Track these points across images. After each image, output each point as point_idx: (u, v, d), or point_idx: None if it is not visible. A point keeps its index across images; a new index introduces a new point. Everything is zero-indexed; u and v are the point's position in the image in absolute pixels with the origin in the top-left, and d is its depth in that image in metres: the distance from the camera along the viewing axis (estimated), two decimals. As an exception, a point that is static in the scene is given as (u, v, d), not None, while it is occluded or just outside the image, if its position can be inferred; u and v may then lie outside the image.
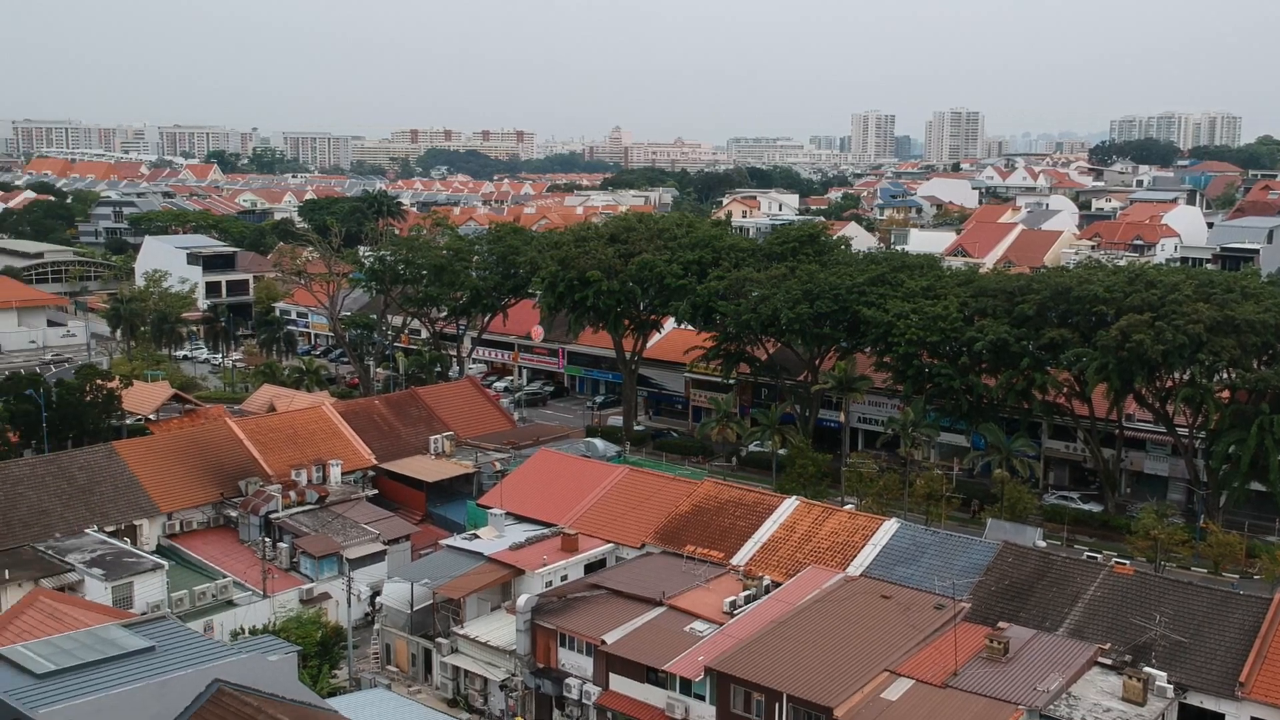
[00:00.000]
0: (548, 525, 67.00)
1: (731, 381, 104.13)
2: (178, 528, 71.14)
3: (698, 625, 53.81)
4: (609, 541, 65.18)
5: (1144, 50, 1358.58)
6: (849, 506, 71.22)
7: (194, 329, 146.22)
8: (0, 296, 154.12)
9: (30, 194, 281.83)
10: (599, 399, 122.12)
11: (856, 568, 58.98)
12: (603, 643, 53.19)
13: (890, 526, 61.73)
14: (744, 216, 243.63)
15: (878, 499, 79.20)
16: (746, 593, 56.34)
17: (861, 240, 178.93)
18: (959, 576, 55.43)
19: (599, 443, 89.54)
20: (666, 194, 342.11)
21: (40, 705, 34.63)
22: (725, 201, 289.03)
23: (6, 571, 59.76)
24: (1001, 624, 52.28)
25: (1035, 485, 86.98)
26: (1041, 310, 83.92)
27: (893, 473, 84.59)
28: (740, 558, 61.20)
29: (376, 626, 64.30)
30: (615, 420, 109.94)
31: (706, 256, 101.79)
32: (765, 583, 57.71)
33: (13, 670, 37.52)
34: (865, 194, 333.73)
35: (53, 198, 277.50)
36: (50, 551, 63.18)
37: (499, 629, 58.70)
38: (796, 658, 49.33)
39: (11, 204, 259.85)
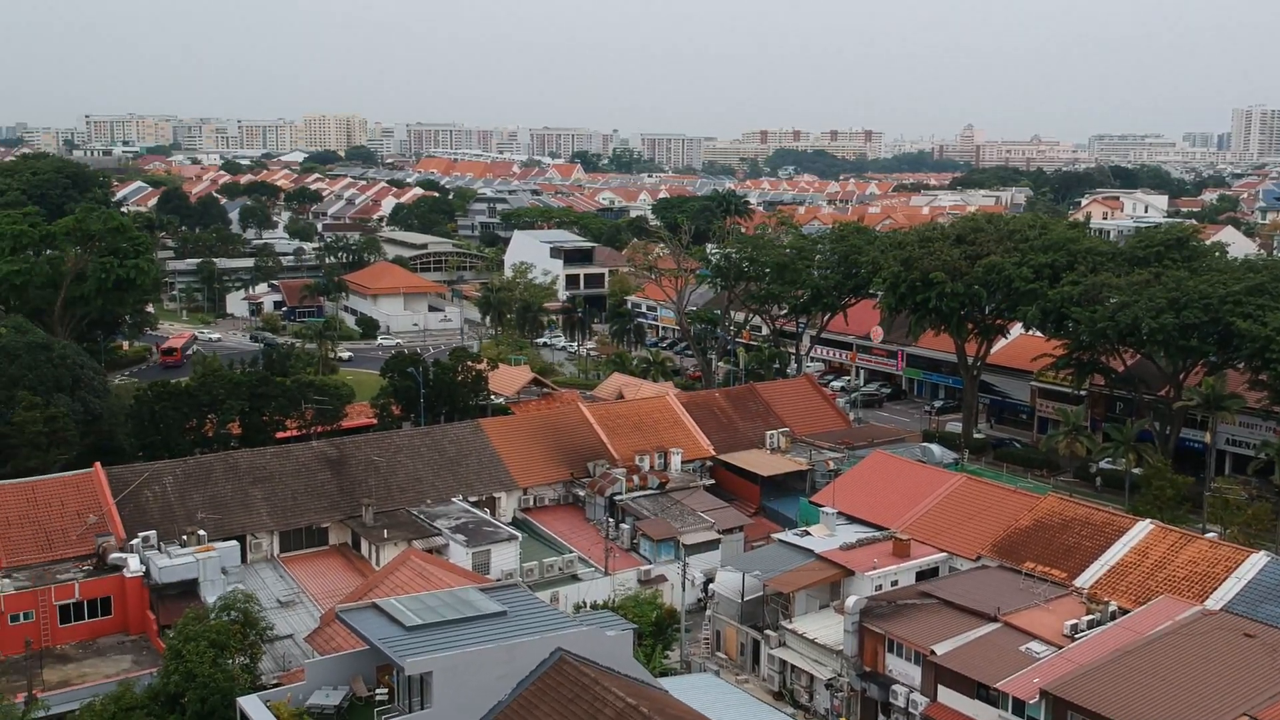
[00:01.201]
0: (879, 528, 66.45)
1: (1083, 393, 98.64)
2: (531, 502, 76.45)
3: (1034, 645, 51.72)
4: (942, 550, 63.78)
5: None
6: (1211, 535, 65.70)
7: (553, 318, 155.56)
8: (390, 283, 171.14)
9: (419, 190, 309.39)
10: (938, 403, 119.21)
11: (1216, 602, 54.49)
12: (932, 653, 52.25)
13: (1258, 560, 56.50)
14: (1104, 218, 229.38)
15: (1244, 530, 72.60)
16: (1090, 617, 53.52)
17: (1239, 246, 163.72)
18: (1339, 621, 50.03)
19: (936, 448, 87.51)
20: (1019, 194, 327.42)
21: (407, 655, 38.57)
22: (1084, 202, 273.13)
23: (386, 531, 66.64)
24: (1390, 679, 46.70)
25: None
26: None
27: (1264, 502, 77.22)
28: (1084, 580, 58.13)
29: (708, 613, 66.19)
30: (954, 426, 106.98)
31: (1060, 260, 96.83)
32: (1111, 608, 54.55)
33: (386, 620, 41.94)
34: (1245, 196, 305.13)
35: (437, 194, 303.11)
36: (422, 516, 69.73)
37: (827, 627, 58.94)
38: (1143, 691, 46.33)
39: (403, 199, 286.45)
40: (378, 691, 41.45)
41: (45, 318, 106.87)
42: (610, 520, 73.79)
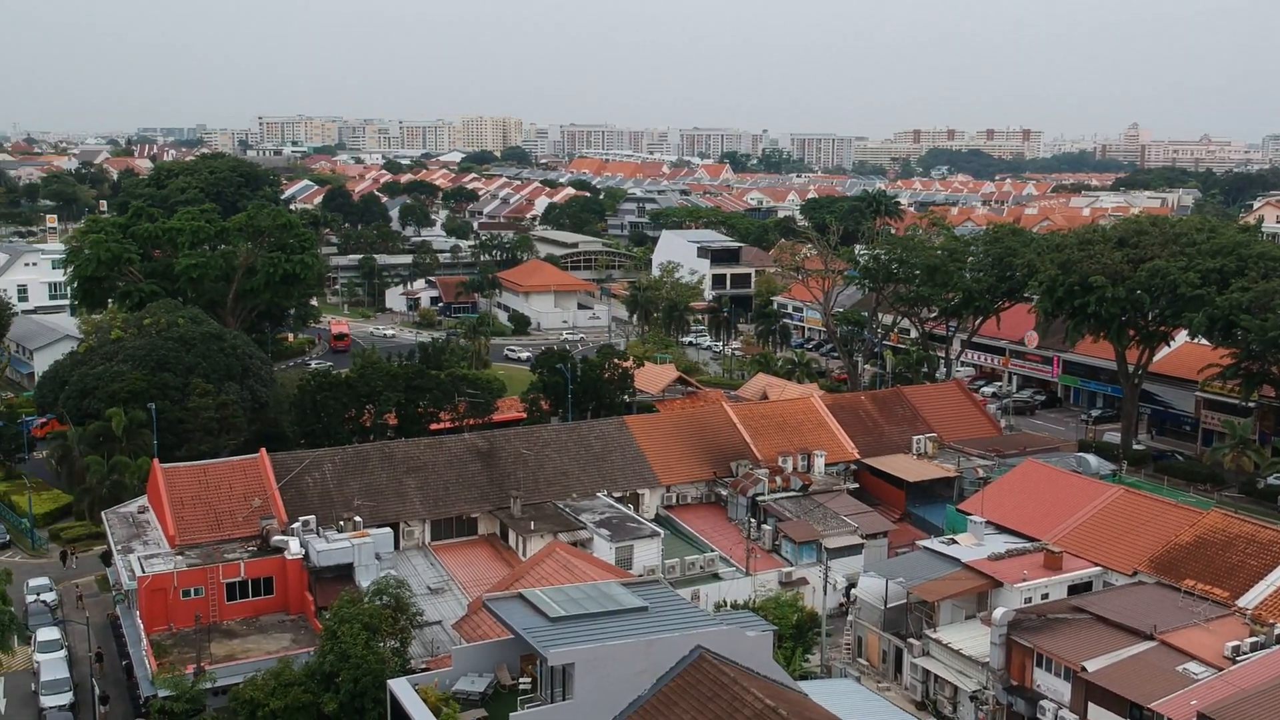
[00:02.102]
0: (1030, 539, 64.70)
1: (1251, 404, 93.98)
2: (674, 500, 77.03)
3: (1192, 666, 49.70)
4: (1096, 564, 61.74)
5: None
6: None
7: (699, 317, 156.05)
8: (541, 280, 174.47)
9: (570, 190, 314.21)
10: (1095, 412, 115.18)
11: (1396, 629, 51.38)
12: (1083, 669, 50.72)
13: None
14: (1278, 222, 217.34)
15: None
16: (1254, 639, 51.09)
17: None
18: None
19: (1092, 459, 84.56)
20: (1187, 195, 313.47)
21: (551, 645, 39.40)
22: (1256, 205, 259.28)
23: (532, 523, 68.12)
24: None
25: None
26: None
27: None
28: (1249, 600, 55.50)
29: (850, 618, 65.60)
30: (1111, 436, 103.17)
31: (1229, 265, 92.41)
32: (1277, 631, 51.98)
33: (530, 610, 42.93)
34: None
35: (588, 194, 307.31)
36: (567, 509, 71.01)
37: (972, 638, 57.77)
38: (1310, 719, 44.08)
39: (555, 199, 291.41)
40: (521, 680, 42.46)
41: (218, 309, 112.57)
42: (752, 521, 73.79)
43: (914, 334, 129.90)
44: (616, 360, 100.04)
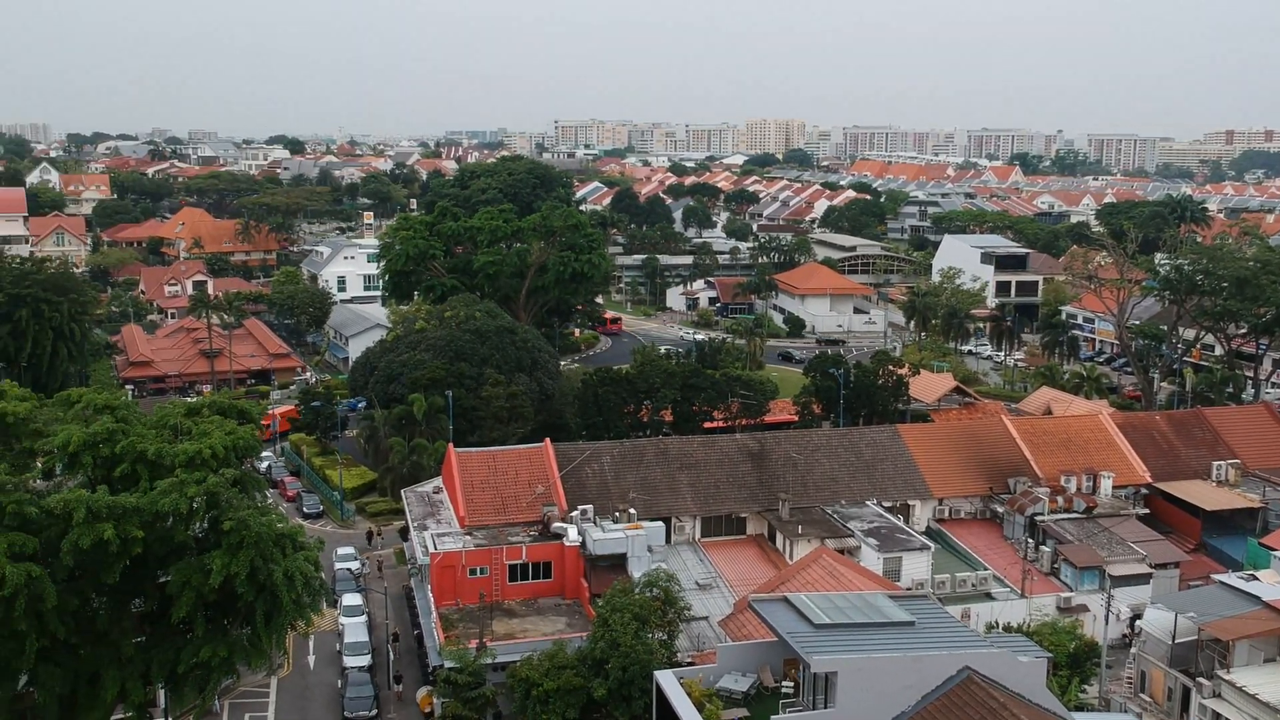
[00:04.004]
0: (1346, 582, 59.18)
1: None
2: (946, 514, 75.30)
3: None
4: None
5: None
6: None
7: (980, 325, 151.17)
8: (817, 283, 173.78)
9: (851, 193, 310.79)
10: None
11: None
12: (1401, 729, 46.10)
13: None
14: None
15: None
16: None
17: None
18: None
19: None
20: None
21: (815, 652, 39.66)
22: None
23: (800, 526, 68.46)
24: None
25: None
26: None
27: None
28: None
29: (1133, 650, 62.13)
30: None
31: None
32: None
33: (795, 615, 43.31)
34: None
35: (868, 196, 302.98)
36: (835, 515, 70.88)
37: (1273, 683, 53.47)
38: None
39: (835, 201, 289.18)
40: (784, 684, 42.96)
41: (511, 304, 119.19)
42: (1030, 541, 71.11)
43: (1218, 351, 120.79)
44: (891, 367, 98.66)
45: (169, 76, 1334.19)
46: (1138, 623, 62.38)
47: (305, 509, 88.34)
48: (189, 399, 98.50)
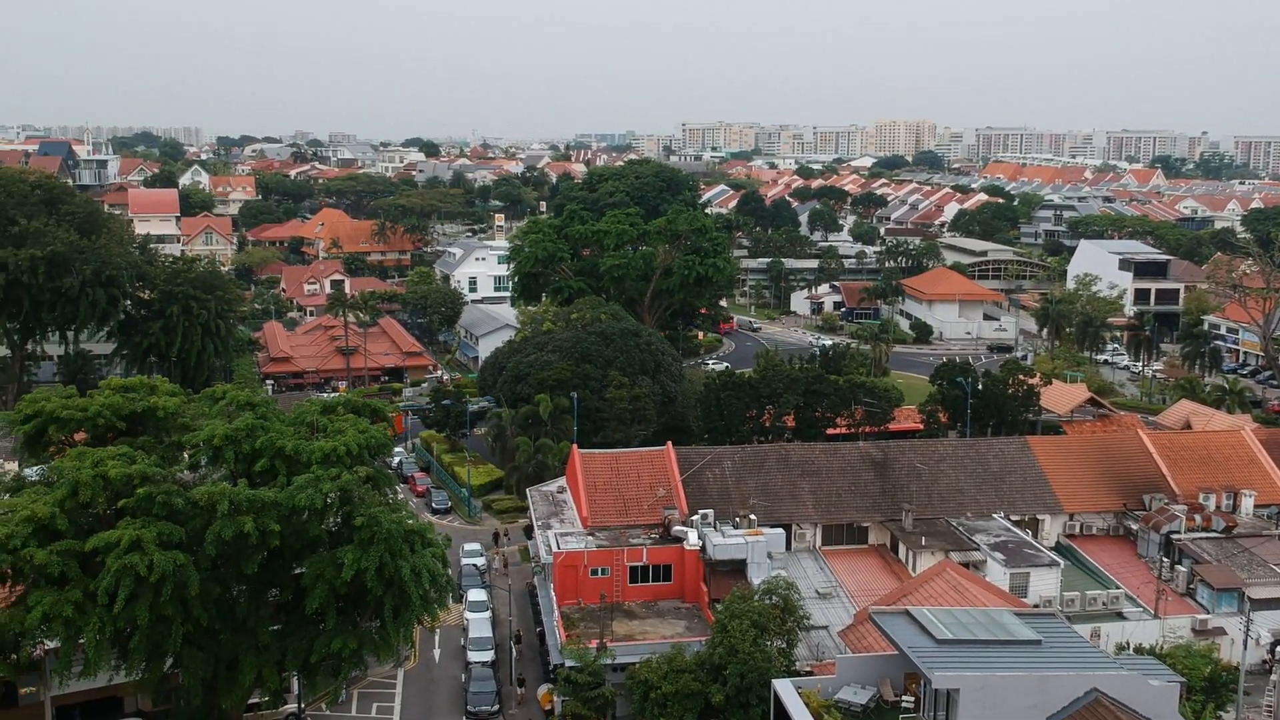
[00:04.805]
0: None
1: None
2: (1077, 529, 73.23)
3: None
4: None
5: None
6: None
7: (1117, 334, 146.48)
8: (945, 289, 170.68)
9: (983, 196, 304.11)
10: None
11: None
12: None
13: None
14: None
15: None
16: None
17: None
18: None
19: None
20: None
21: (936, 668, 39.25)
22: None
23: (923, 538, 67.50)
24: None
25: None
26: None
27: None
28: None
29: (1273, 678, 59.64)
30: None
31: None
32: None
33: (917, 629, 42.90)
34: None
35: (1001, 200, 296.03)
36: (960, 528, 69.63)
37: None
38: None
39: (966, 205, 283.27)
40: (904, 698, 42.58)
41: (636, 307, 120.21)
42: (1165, 560, 68.69)
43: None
44: (1022, 376, 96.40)
45: (311, 84, 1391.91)
46: (1278, 648, 59.96)
47: (434, 505, 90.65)
48: (325, 395, 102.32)
